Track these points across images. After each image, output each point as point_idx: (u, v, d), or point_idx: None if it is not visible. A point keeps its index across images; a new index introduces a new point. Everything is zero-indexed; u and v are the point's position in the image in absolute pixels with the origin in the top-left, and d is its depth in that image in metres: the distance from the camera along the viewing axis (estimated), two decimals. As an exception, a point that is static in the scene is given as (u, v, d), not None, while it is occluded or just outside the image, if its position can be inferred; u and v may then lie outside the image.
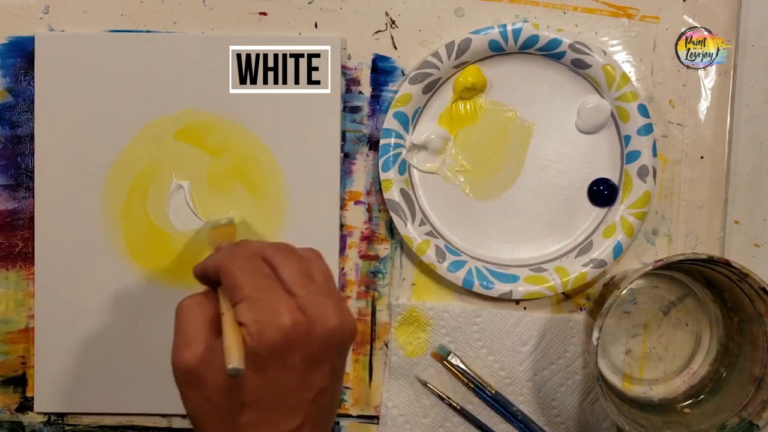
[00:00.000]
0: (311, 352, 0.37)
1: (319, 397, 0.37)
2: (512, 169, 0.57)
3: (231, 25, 0.56)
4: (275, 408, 0.36)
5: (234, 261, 0.39)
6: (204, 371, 0.37)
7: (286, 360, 0.36)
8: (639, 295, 0.58)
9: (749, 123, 0.57)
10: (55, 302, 0.56)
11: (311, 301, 0.37)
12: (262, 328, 0.36)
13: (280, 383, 0.36)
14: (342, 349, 0.39)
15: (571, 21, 0.56)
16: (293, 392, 0.37)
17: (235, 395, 0.36)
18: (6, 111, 0.56)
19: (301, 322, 0.36)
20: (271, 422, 0.36)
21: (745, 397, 0.53)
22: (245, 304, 0.37)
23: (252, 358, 0.36)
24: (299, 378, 0.36)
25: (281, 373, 0.36)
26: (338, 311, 0.38)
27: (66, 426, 0.57)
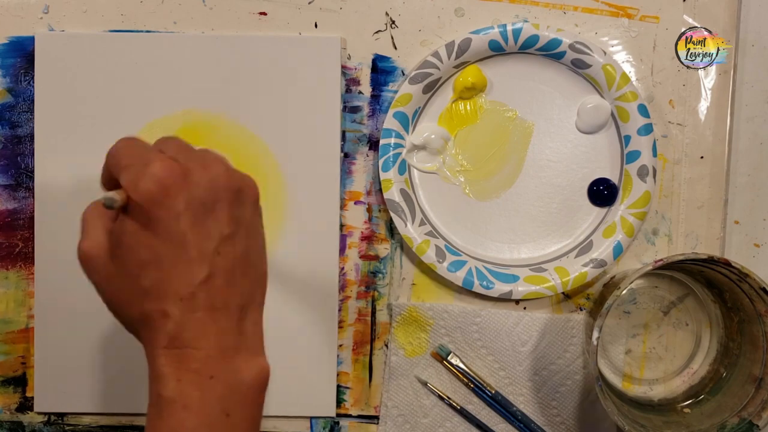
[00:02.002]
0: (195, 195, 0.36)
1: (222, 246, 0.36)
2: (512, 169, 0.57)
3: (231, 25, 0.56)
4: (175, 262, 0.35)
5: (118, 145, 0.38)
6: (102, 254, 0.37)
7: (169, 207, 0.35)
8: (639, 295, 0.58)
9: (749, 123, 0.57)
10: (55, 302, 0.56)
11: (187, 156, 0.37)
12: (136, 179, 0.35)
13: (172, 233, 0.35)
14: (238, 195, 0.37)
15: (571, 21, 0.56)
16: (190, 243, 0.35)
17: (134, 259, 0.36)
18: (6, 111, 0.56)
19: (175, 167, 0.36)
20: (175, 278, 0.35)
21: (745, 397, 0.53)
22: (123, 172, 0.36)
23: (136, 214, 0.35)
24: (191, 226, 0.35)
25: (169, 223, 0.35)
26: (222, 162, 0.38)
27: (66, 426, 0.57)
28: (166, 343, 0.36)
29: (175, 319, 0.36)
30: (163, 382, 0.36)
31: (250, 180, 0.39)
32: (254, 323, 0.39)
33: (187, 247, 0.35)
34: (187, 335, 0.36)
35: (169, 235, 0.35)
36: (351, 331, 0.57)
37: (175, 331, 0.36)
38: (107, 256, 0.37)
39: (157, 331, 0.36)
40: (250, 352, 0.38)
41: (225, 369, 0.36)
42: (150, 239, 0.35)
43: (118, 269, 0.37)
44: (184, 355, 0.36)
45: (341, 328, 0.57)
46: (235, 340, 0.37)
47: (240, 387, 0.37)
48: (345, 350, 0.57)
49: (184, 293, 0.36)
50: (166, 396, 0.35)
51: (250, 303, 0.38)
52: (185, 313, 0.36)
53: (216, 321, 0.36)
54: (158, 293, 0.36)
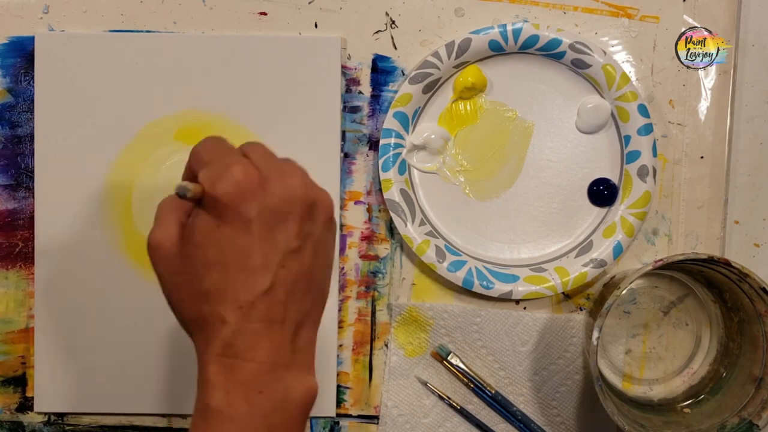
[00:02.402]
0: (268, 204, 0.35)
1: (288, 259, 0.36)
2: (512, 169, 0.57)
3: (231, 25, 0.56)
4: (240, 267, 0.35)
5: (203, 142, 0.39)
6: (171, 246, 0.37)
7: (242, 212, 0.35)
8: (639, 295, 0.58)
9: (749, 123, 0.57)
10: (55, 302, 0.56)
11: (268, 164, 0.37)
12: (215, 178, 0.35)
13: (241, 238, 0.35)
14: (311, 210, 0.37)
15: (571, 21, 0.56)
16: (257, 251, 0.35)
17: (201, 258, 0.36)
18: (6, 111, 0.56)
19: (254, 174, 0.36)
20: (238, 284, 0.35)
21: (745, 397, 0.53)
22: (204, 168, 0.36)
23: (210, 212, 0.35)
24: (261, 235, 0.35)
25: (240, 227, 0.35)
26: (302, 174, 0.38)
27: (66, 426, 0.57)
28: (219, 351, 0.35)
29: (231, 327, 0.35)
30: (212, 391, 0.35)
31: (326, 196, 0.39)
32: (308, 341, 0.38)
33: (254, 254, 0.35)
34: (241, 345, 0.35)
35: (237, 240, 0.35)
36: (351, 331, 0.57)
37: (230, 339, 0.35)
38: (176, 250, 0.37)
39: (212, 337, 0.36)
40: (301, 369, 0.37)
41: (274, 384, 0.36)
42: (219, 239, 0.35)
43: (184, 265, 0.36)
44: (235, 366, 0.35)
45: (341, 328, 0.57)
46: (288, 356, 0.37)
47: (287, 405, 0.36)
48: (345, 350, 0.57)
49: (244, 301, 0.35)
50: (213, 406, 0.35)
51: (307, 320, 0.38)
52: (242, 322, 0.35)
53: (271, 334, 0.36)
54: (218, 297, 0.35)
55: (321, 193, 0.38)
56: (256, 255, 0.35)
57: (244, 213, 0.35)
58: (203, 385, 0.36)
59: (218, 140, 0.39)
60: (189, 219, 0.37)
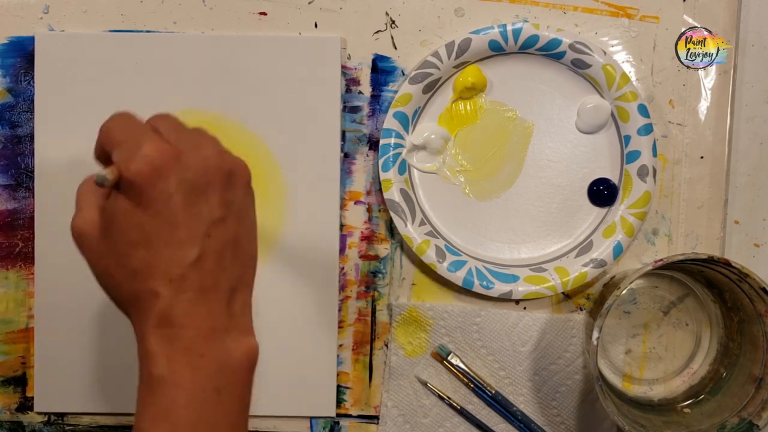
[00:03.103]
0: (186, 178, 0.36)
1: (213, 229, 0.36)
2: (512, 169, 0.57)
3: (231, 25, 0.56)
4: (166, 242, 0.36)
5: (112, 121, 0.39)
6: (94, 231, 0.37)
7: (160, 188, 0.35)
8: (639, 295, 0.58)
9: (749, 123, 0.57)
10: (55, 302, 0.56)
11: (179, 137, 0.37)
12: (128, 159, 0.36)
13: (163, 215, 0.35)
14: (229, 178, 0.38)
15: (571, 21, 0.56)
16: (181, 224, 0.36)
17: (125, 239, 0.36)
18: (6, 111, 0.56)
19: (167, 149, 0.36)
20: (166, 259, 0.36)
21: (745, 397, 0.53)
22: (116, 149, 0.37)
23: (127, 193, 0.36)
24: (182, 208, 0.36)
25: (160, 204, 0.35)
26: (215, 144, 0.38)
27: (66, 426, 0.57)
28: (155, 323, 0.36)
29: (164, 299, 0.36)
30: (154, 360, 0.36)
31: (241, 163, 0.39)
32: (243, 304, 0.39)
33: (178, 228, 0.36)
34: (176, 315, 0.36)
35: (159, 216, 0.36)
36: (351, 331, 0.57)
37: (164, 311, 0.36)
38: (99, 234, 0.37)
39: (147, 311, 0.36)
40: (240, 331, 0.38)
41: (215, 348, 0.37)
42: (140, 219, 0.36)
43: (109, 248, 0.37)
44: (174, 335, 0.36)
45: (341, 328, 0.57)
46: (224, 320, 0.37)
47: (230, 365, 0.37)
48: (345, 350, 0.57)
49: (174, 274, 0.36)
50: (156, 374, 0.36)
51: (240, 284, 0.39)
52: (175, 294, 0.36)
53: (206, 301, 0.36)
54: (148, 273, 0.36)
55: (237, 161, 0.39)
56: (180, 229, 0.36)
57: (162, 190, 0.35)
58: (144, 357, 0.36)
59: (127, 116, 0.39)
60: (108, 202, 0.37)
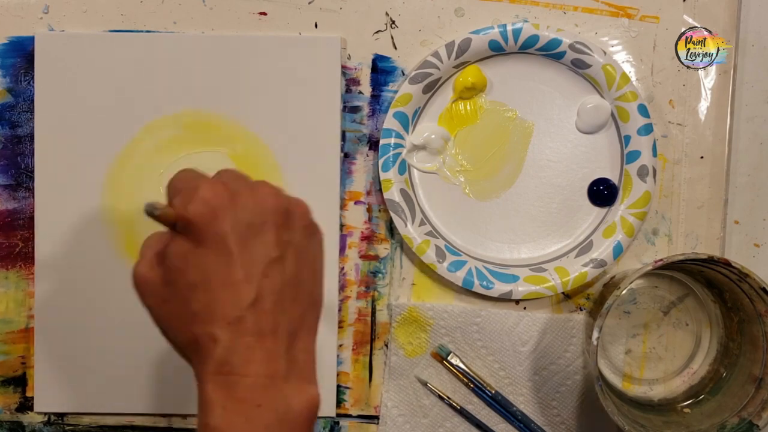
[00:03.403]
0: (242, 218, 0.36)
1: (270, 269, 0.36)
2: (512, 169, 0.57)
3: (231, 25, 0.56)
4: (223, 283, 0.35)
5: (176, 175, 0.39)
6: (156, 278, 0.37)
7: (216, 229, 0.35)
8: (639, 295, 0.58)
9: (749, 123, 0.57)
10: (55, 302, 0.56)
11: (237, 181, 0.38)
12: (185, 201, 0.36)
13: (220, 255, 0.35)
14: (286, 218, 0.38)
15: (571, 21, 0.56)
16: (238, 264, 0.35)
17: (184, 281, 0.36)
18: (6, 111, 0.56)
19: (223, 191, 0.36)
20: (223, 300, 0.35)
21: (745, 397, 0.53)
22: (176, 195, 0.37)
23: (185, 234, 0.36)
24: (238, 248, 0.36)
25: (217, 244, 0.35)
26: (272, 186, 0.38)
27: (66, 426, 0.57)
28: (213, 369, 0.35)
29: (223, 344, 0.35)
30: (210, 409, 0.35)
31: (299, 202, 0.39)
32: (305, 350, 0.38)
33: (234, 268, 0.35)
34: (235, 361, 0.35)
35: (216, 256, 0.35)
36: (351, 331, 0.57)
37: (223, 357, 0.35)
38: (159, 280, 0.37)
39: (206, 357, 0.36)
40: (300, 379, 0.37)
41: (273, 397, 0.36)
42: (198, 260, 0.36)
43: (170, 293, 0.37)
44: (231, 383, 0.35)
45: (341, 328, 0.57)
46: (284, 367, 0.36)
47: (289, 417, 0.36)
48: (345, 350, 0.57)
49: (232, 317, 0.35)
50: (212, 425, 0.35)
51: (301, 328, 0.38)
52: (233, 338, 0.35)
53: (264, 346, 0.36)
54: (207, 316, 0.36)
55: (294, 201, 0.39)
56: (236, 269, 0.35)
57: (218, 230, 0.35)
58: (202, 406, 0.36)
59: (190, 170, 0.39)
60: (167, 246, 0.37)
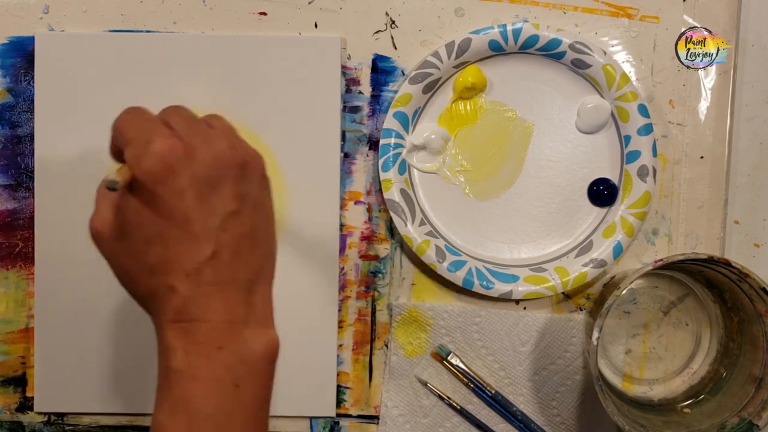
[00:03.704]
0: (198, 173, 0.36)
1: (227, 223, 0.36)
2: (512, 169, 0.57)
3: (231, 25, 0.56)
4: (180, 239, 0.36)
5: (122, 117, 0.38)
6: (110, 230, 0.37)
7: (172, 185, 0.35)
8: (639, 295, 0.58)
9: (749, 123, 0.57)
10: (55, 302, 0.56)
11: (190, 130, 0.37)
12: (139, 156, 0.35)
13: (176, 212, 0.35)
14: (242, 171, 0.37)
15: (571, 21, 0.56)
16: (195, 220, 0.36)
17: (140, 236, 0.36)
18: (6, 111, 0.56)
19: (178, 145, 0.36)
20: (181, 254, 0.36)
21: (745, 397, 0.53)
22: (127, 147, 0.36)
23: (140, 191, 0.36)
24: (196, 203, 0.36)
25: (173, 201, 0.35)
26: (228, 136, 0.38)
27: (66, 426, 0.57)
28: (173, 317, 0.36)
29: (181, 294, 0.36)
30: (172, 354, 0.36)
31: (255, 154, 0.39)
32: (263, 296, 0.39)
33: (192, 224, 0.36)
34: (194, 309, 0.36)
35: (172, 213, 0.36)
36: (351, 331, 0.57)
37: (181, 305, 0.36)
38: (116, 233, 0.37)
39: (165, 306, 0.36)
40: (259, 324, 0.38)
41: (233, 340, 0.36)
42: (154, 216, 0.36)
43: (125, 246, 0.37)
44: (191, 328, 0.36)
45: (341, 328, 0.57)
46: (243, 312, 0.37)
47: (249, 358, 0.37)
48: (345, 350, 0.57)
49: (190, 269, 0.36)
50: (174, 367, 0.36)
51: (259, 277, 0.38)
52: (192, 288, 0.36)
53: (223, 295, 0.36)
54: (164, 269, 0.36)
55: (250, 152, 0.39)
56: (195, 223, 0.36)
57: (175, 186, 0.35)
58: (163, 351, 0.36)
59: (138, 111, 0.39)
60: (122, 200, 0.37)
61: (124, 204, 0.37)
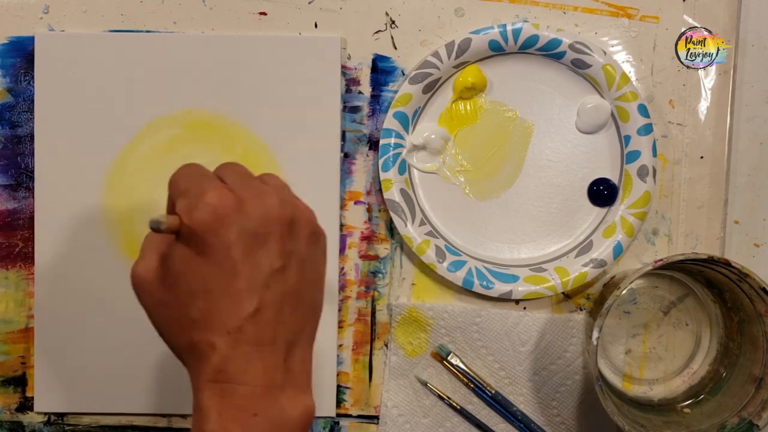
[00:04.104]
0: (247, 227, 0.35)
1: (272, 280, 0.36)
2: (512, 169, 0.57)
3: (231, 25, 0.56)
4: (224, 292, 0.35)
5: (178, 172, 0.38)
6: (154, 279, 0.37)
7: (221, 238, 0.35)
8: (639, 295, 0.58)
9: (749, 123, 0.57)
10: (55, 302, 0.56)
11: (243, 185, 0.37)
12: (191, 207, 0.35)
13: (223, 264, 0.35)
14: (291, 227, 0.37)
15: (571, 21, 0.56)
16: (241, 274, 0.35)
17: (185, 287, 0.36)
18: (6, 111, 0.56)
19: (230, 198, 0.35)
20: (224, 309, 0.35)
21: (745, 397, 0.53)
22: (180, 198, 0.36)
23: (189, 241, 0.35)
24: (242, 257, 0.35)
25: (221, 252, 0.35)
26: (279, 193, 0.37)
27: (66, 426, 0.57)
28: (211, 377, 0.35)
29: (221, 352, 0.35)
30: (206, 416, 0.35)
31: (305, 210, 0.38)
32: (302, 360, 0.38)
33: (237, 278, 0.35)
34: (232, 369, 0.35)
35: (219, 266, 0.35)
36: (351, 331, 0.57)
37: (220, 365, 0.35)
38: (159, 282, 0.37)
39: (203, 363, 0.36)
40: (297, 389, 0.37)
41: (269, 406, 0.36)
42: (201, 268, 0.35)
43: (169, 296, 0.36)
44: (227, 390, 0.35)
45: (341, 328, 0.57)
46: (281, 376, 0.36)
47: (284, 425, 0.36)
48: (345, 350, 0.57)
49: (232, 326, 0.35)
50: (207, 431, 0.35)
51: (299, 338, 0.38)
52: (232, 347, 0.35)
53: (262, 356, 0.36)
54: (206, 324, 0.35)
55: (300, 209, 0.38)
56: (239, 279, 0.35)
57: (223, 238, 0.35)
58: (197, 412, 0.36)
59: (194, 167, 0.39)
60: (170, 249, 0.37)
61: (171, 253, 0.36)
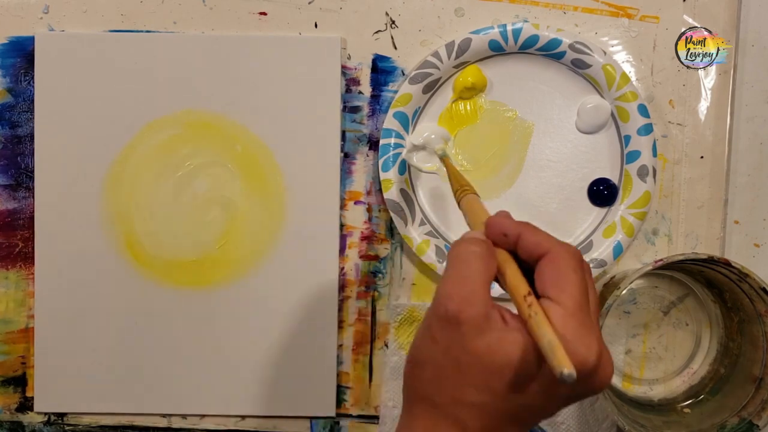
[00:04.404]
0: (586, 393, 0.36)
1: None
2: (512, 169, 0.57)
3: (231, 25, 0.56)
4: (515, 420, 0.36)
5: (568, 261, 0.37)
6: (474, 332, 0.35)
7: (589, 389, 0.35)
8: (639, 295, 0.58)
9: (749, 123, 0.57)
10: (55, 302, 0.56)
11: (602, 346, 0.36)
12: (575, 351, 0.33)
13: (547, 404, 0.36)
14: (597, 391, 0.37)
15: (571, 21, 0.56)
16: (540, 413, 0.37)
17: (499, 380, 0.35)
18: (6, 111, 0.56)
19: (594, 364, 0.34)
20: (494, 412, 0.35)
21: (745, 397, 0.53)
22: (565, 314, 0.34)
23: (578, 380, 0.33)
24: (558, 405, 0.37)
25: (553, 399, 0.36)
26: (608, 356, 0.37)
27: (66, 426, 0.57)
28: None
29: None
30: None
31: (608, 371, 0.37)
32: None
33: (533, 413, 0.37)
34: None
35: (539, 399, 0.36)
36: (351, 331, 0.57)
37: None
38: (473, 336, 0.35)
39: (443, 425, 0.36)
40: None
41: None
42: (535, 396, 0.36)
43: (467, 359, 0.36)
44: None
45: (341, 328, 0.57)
46: None
47: None
48: (345, 350, 0.57)
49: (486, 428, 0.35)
50: None
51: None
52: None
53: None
54: (474, 411, 0.35)
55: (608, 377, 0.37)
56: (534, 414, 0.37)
57: (561, 389, 0.35)
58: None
59: (581, 275, 0.37)
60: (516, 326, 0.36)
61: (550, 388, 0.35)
